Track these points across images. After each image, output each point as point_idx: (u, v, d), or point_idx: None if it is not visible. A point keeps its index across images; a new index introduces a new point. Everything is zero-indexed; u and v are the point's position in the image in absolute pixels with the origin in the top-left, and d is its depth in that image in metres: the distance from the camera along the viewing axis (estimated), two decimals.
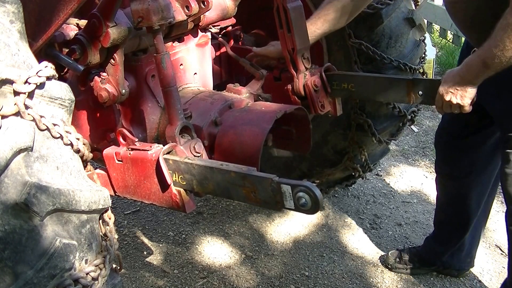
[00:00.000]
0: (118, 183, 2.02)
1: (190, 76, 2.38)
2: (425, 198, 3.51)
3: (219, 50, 2.66)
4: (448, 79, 2.04)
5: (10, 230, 1.20)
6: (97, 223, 1.44)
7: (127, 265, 2.92)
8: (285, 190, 1.63)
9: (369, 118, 2.74)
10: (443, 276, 2.83)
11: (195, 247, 3.08)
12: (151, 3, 1.84)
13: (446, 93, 2.03)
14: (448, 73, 2.06)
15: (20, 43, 1.31)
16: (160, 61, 1.90)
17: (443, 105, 2.08)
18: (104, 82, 2.00)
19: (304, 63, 2.39)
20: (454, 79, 2.01)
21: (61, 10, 1.67)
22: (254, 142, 2.01)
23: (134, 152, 1.93)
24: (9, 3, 1.31)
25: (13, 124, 1.23)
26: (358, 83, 2.38)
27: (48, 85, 1.33)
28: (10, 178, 1.20)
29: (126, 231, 3.22)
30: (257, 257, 2.99)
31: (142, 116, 2.20)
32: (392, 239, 3.12)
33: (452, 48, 5.62)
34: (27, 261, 1.23)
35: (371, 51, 2.58)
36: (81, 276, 1.33)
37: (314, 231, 3.20)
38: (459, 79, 1.99)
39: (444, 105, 2.08)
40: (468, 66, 1.97)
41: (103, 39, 1.89)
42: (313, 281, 2.82)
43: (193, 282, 2.82)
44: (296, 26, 2.30)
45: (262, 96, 2.39)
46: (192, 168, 1.80)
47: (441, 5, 5.68)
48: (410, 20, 2.65)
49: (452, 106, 2.05)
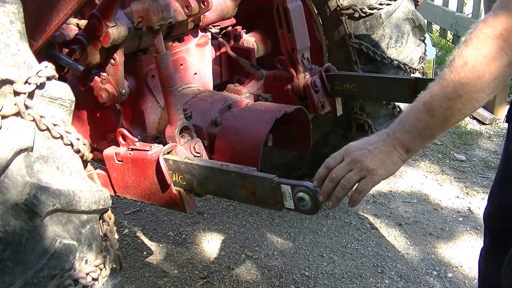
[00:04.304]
0: (118, 183, 2.02)
1: (190, 76, 2.38)
2: (425, 198, 3.51)
3: (219, 50, 2.66)
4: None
5: (11, 230, 1.20)
6: (97, 223, 1.44)
7: (127, 265, 2.92)
8: (285, 190, 1.63)
9: (369, 119, 2.74)
10: (443, 276, 2.83)
11: (195, 247, 3.08)
12: (151, 3, 1.84)
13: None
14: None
15: (20, 43, 1.31)
16: (160, 61, 1.90)
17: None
18: (104, 82, 2.00)
19: (304, 63, 2.39)
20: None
21: (61, 10, 1.67)
22: (254, 142, 2.01)
23: (134, 152, 1.93)
24: (9, 3, 1.31)
25: (13, 124, 1.23)
26: (360, 83, 2.38)
27: (48, 85, 1.33)
28: (10, 179, 1.20)
29: (126, 231, 3.22)
30: (257, 257, 2.99)
31: (142, 116, 2.20)
32: (392, 239, 3.12)
33: (452, 48, 5.61)
34: (27, 261, 1.23)
35: (371, 51, 2.58)
36: (81, 276, 1.33)
37: (314, 231, 3.19)
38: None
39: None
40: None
41: (103, 39, 1.89)
42: (313, 281, 2.82)
43: (193, 282, 2.82)
44: (296, 26, 2.31)
45: (262, 96, 2.39)
46: (192, 168, 1.80)
47: (441, 5, 5.68)
48: (410, 20, 2.65)
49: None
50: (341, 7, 2.56)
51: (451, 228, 3.17)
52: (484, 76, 1.30)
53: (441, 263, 2.91)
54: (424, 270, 2.87)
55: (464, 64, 1.32)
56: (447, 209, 3.34)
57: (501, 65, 1.29)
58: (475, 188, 3.52)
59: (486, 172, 3.69)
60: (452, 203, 3.40)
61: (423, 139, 1.43)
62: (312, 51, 2.46)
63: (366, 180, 1.45)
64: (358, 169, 1.44)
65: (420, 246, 3.04)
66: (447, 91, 1.34)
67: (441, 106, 1.35)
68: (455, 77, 1.33)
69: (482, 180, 3.61)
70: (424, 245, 3.04)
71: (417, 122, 1.39)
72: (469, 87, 1.31)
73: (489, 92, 1.33)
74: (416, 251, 3.01)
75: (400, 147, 1.43)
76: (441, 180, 3.63)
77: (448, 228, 3.17)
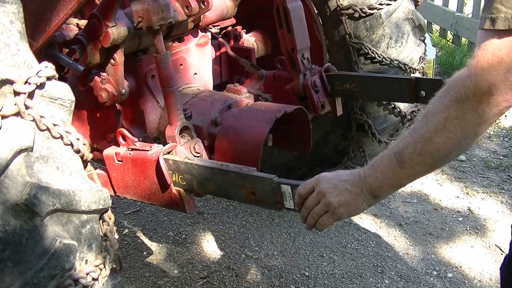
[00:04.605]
0: (118, 183, 2.02)
1: (190, 76, 2.38)
2: (425, 198, 3.50)
3: (219, 50, 2.66)
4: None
5: (11, 230, 1.20)
6: (97, 223, 1.44)
7: (127, 265, 2.92)
8: (285, 190, 1.63)
9: (369, 119, 2.73)
10: (443, 276, 2.83)
11: (195, 247, 3.08)
12: (151, 3, 1.84)
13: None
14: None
15: (20, 43, 1.31)
16: (160, 61, 1.90)
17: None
18: (104, 82, 2.00)
19: (304, 63, 2.39)
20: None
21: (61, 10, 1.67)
22: (254, 142, 2.01)
23: (134, 152, 1.93)
24: (9, 3, 1.31)
25: (13, 124, 1.23)
26: (360, 83, 2.38)
27: (48, 85, 1.33)
28: (10, 179, 1.20)
29: (126, 231, 3.22)
30: (257, 257, 2.99)
31: (142, 116, 2.20)
32: (392, 239, 3.12)
33: (452, 48, 5.61)
34: (27, 261, 1.23)
35: (371, 52, 2.58)
36: (81, 276, 1.33)
37: (314, 231, 3.19)
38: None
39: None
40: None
41: (103, 39, 1.89)
42: (313, 281, 2.82)
43: (193, 282, 2.82)
44: (296, 26, 2.31)
45: (262, 96, 2.39)
46: (192, 168, 1.80)
47: (441, 5, 5.68)
48: (410, 20, 2.65)
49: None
50: (341, 7, 2.56)
51: (451, 228, 3.17)
52: (455, 135, 1.28)
53: (441, 263, 2.91)
54: (424, 270, 2.87)
55: (436, 121, 1.29)
56: (447, 209, 3.34)
57: (472, 125, 1.26)
58: (475, 188, 3.52)
59: (486, 172, 3.69)
60: (452, 203, 3.40)
61: (392, 188, 1.43)
62: (312, 51, 2.46)
63: (327, 216, 1.49)
64: (323, 203, 1.48)
65: (420, 246, 3.04)
66: (418, 147, 1.32)
67: (411, 159, 1.34)
68: (426, 134, 1.31)
69: (482, 180, 3.61)
70: (424, 245, 3.04)
71: (387, 172, 1.39)
72: (439, 145, 1.30)
73: (461, 149, 1.32)
74: (416, 251, 3.01)
75: (367, 192, 1.43)
76: (441, 180, 3.63)
77: (448, 228, 3.17)
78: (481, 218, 3.24)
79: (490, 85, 1.20)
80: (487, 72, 1.20)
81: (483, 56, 1.20)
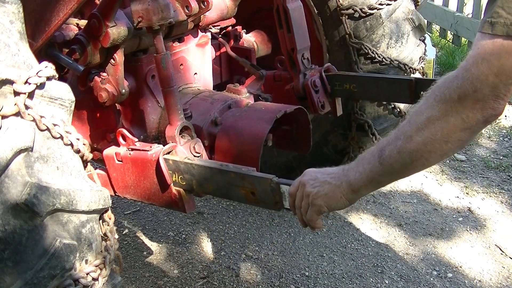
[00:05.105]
0: (118, 183, 2.02)
1: (190, 76, 2.38)
2: (425, 198, 3.51)
3: (219, 50, 2.66)
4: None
5: (11, 230, 1.20)
6: (97, 223, 1.44)
7: (127, 265, 2.92)
8: (284, 190, 1.63)
9: (369, 119, 2.74)
10: (443, 276, 2.83)
11: (195, 247, 3.08)
12: (151, 3, 1.85)
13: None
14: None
15: (20, 43, 1.31)
16: (160, 61, 1.90)
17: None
18: (104, 82, 2.00)
19: (304, 63, 2.39)
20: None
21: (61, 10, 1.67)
22: (254, 142, 2.01)
23: (134, 152, 1.93)
24: (9, 3, 1.31)
25: (13, 124, 1.23)
26: (360, 84, 2.38)
27: (48, 85, 1.33)
28: (10, 179, 1.20)
29: (126, 231, 3.22)
30: (257, 257, 2.99)
31: (142, 116, 2.20)
32: (392, 239, 3.12)
33: (452, 48, 5.61)
34: (27, 261, 1.23)
35: (371, 52, 2.58)
36: (81, 276, 1.33)
37: (314, 231, 3.19)
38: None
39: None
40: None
41: (103, 39, 1.89)
42: (313, 281, 2.82)
43: (193, 282, 2.82)
44: (296, 26, 2.31)
45: (262, 96, 2.39)
46: (192, 168, 1.81)
47: (441, 5, 5.68)
48: (410, 20, 2.65)
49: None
50: (341, 7, 2.57)
51: (451, 228, 3.17)
52: (435, 136, 1.26)
53: (441, 263, 2.91)
54: (424, 270, 2.87)
55: (418, 120, 1.27)
56: (447, 209, 3.34)
57: (455, 129, 1.24)
58: (475, 188, 3.52)
59: (486, 172, 3.69)
60: (452, 203, 3.40)
61: (370, 183, 1.41)
62: (312, 51, 2.46)
63: (311, 210, 1.48)
64: (304, 194, 1.47)
65: (420, 246, 3.04)
66: (398, 144, 1.31)
67: (390, 157, 1.33)
68: (408, 132, 1.29)
69: (482, 180, 3.61)
70: (424, 245, 3.04)
71: (368, 166, 1.38)
72: (418, 145, 1.28)
73: (441, 154, 1.29)
74: (416, 251, 3.01)
75: (346, 185, 1.42)
76: (441, 180, 3.63)
77: (448, 228, 3.17)
78: (481, 218, 3.24)
79: (476, 89, 1.16)
80: (475, 76, 1.16)
81: (474, 59, 1.17)
